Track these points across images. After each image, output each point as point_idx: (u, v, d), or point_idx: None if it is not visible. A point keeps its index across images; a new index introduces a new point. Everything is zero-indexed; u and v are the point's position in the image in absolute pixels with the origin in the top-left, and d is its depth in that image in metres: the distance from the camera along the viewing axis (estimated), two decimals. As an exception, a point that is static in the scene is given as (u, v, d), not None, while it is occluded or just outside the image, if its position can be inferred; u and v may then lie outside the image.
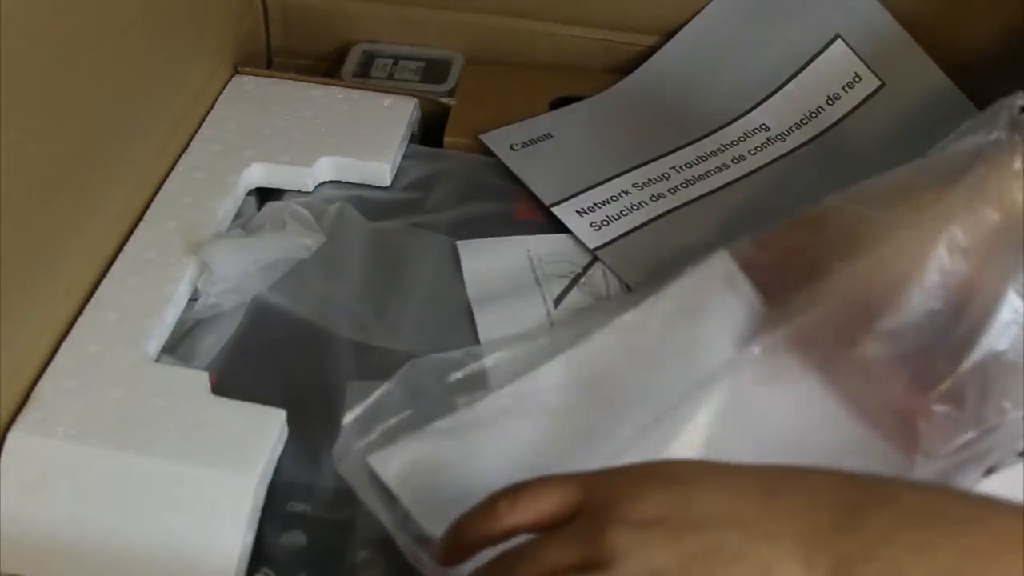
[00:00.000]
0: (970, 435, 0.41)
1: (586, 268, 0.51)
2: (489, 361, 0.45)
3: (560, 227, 0.53)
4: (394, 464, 0.42)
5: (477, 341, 0.48)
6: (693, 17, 0.62)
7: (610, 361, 0.45)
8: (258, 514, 0.42)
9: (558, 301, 0.49)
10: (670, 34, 0.62)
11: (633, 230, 0.53)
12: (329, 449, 0.42)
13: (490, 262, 0.51)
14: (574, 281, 0.50)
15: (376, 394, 0.43)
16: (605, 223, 0.53)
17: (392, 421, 0.43)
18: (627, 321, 0.46)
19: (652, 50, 0.62)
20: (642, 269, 0.51)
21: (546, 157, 0.57)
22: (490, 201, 0.55)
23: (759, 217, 0.48)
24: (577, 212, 0.53)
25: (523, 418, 0.44)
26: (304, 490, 0.43)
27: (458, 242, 0.52)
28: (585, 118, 0.60)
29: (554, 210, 0.53)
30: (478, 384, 0.44)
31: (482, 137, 0.58)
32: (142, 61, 0.51)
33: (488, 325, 0.48)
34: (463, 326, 0.49)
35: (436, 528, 0.38)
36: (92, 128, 0.48)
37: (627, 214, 0.53)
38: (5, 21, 0.40)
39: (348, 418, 0.42)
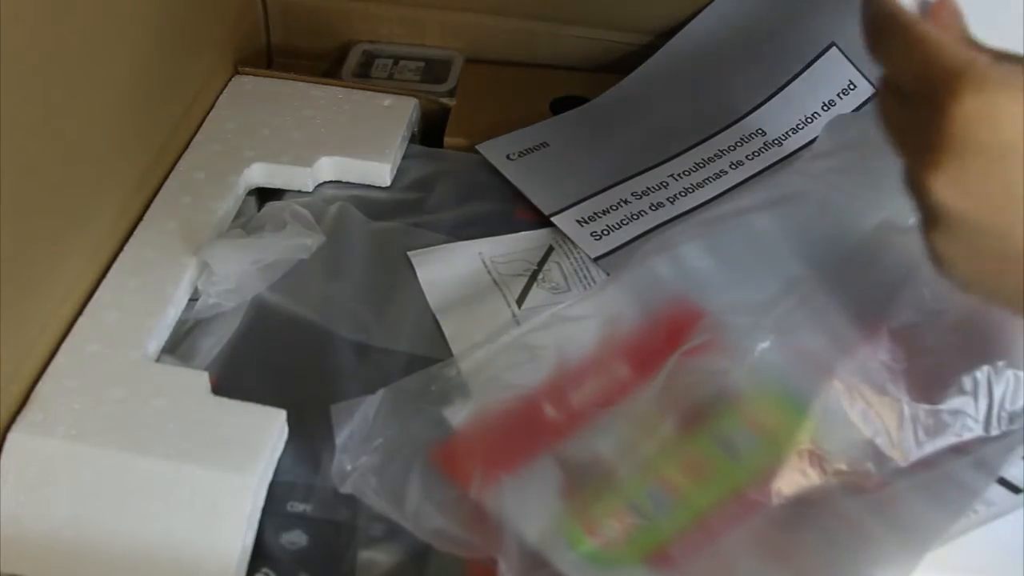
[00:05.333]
0: (975, 442, 0.41)
1: (541, 264, 0.51)
2: (464, 365, 0.45)
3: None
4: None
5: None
6: (693, 17, 0.62)
7: None
8: (258, 514, 0.42)
9: (520, 300, 0.49)
10: (670, 34, 0.62)
11: (634, 239, 0.53)
12: (329, 449, 0.42)
13: (445, 269, 0.51)
14: (532, 278, 0.50)
15: (361, 412, 0.43)
16: (606, 232, 0.53)
17: (379, 441, 0.43)
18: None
19: (652, 50, 0.62)
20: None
21: (543, 166, 0.57)
22: (490, 201, 0.55)
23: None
24: (577, 222, 0.53)
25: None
26: (304, 490, 0.43)
27: (409, 252, 0.52)
28: (580, 126, 0.60)
29: (554, 219, 0.53)
30: (459, 390, 0.44)
31: (478, 147, 0.58)
32: (142, 61, 0.51)
33: (456, 332, 0.48)
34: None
35: None
36: (92, 128, 0.48)
37: (627, 223, 0.53)
38: (5, 21, 0.40)
39: (340, 439, 0.42)
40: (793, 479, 0.41)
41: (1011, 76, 0.30)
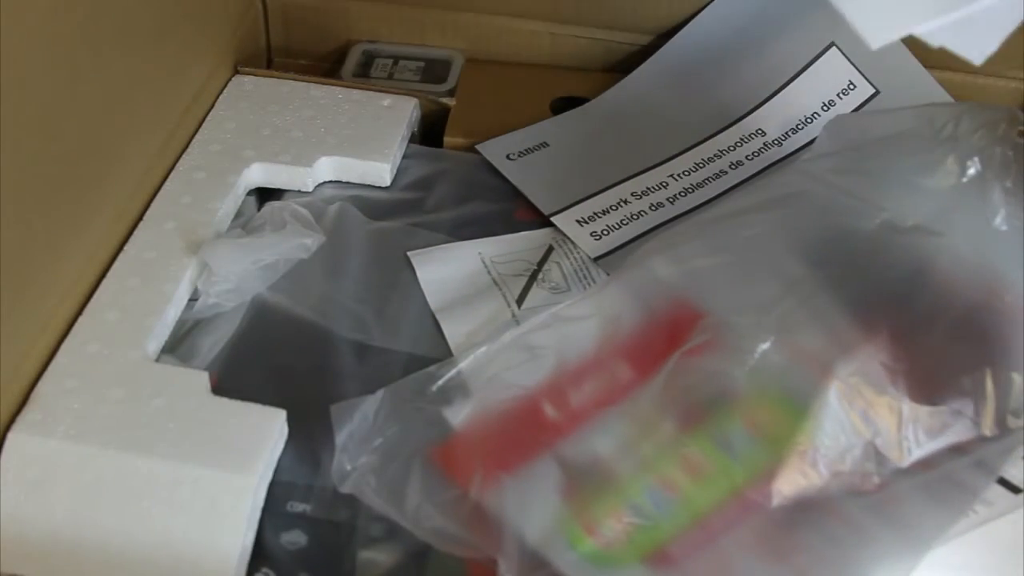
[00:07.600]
0: (975, 442, 0.41)
1: (541, 264, 0.51)
2: (464, 365, 0.45)
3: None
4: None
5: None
6: (693, 17, 0.62)
7: None
8: (258, 514, 0.42)
9: (520, 300, 0.49)
10: (670, 34, 0.62)
11: (634, 239, 0.53)
12: (329, 449, 0.42)
13: (445, 269, 0.51)
14: (532, 278, 0.50)
15: (361, 412, 0.43)
16: (605, 232, 0.53)
17: (379, 441, 0.43)
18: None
19: (652, 50, 0.62)
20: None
21: (543, 166, 0.57)
22: (490, 201, 0.55)
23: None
24: (577, 222, 0.53)
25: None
26: (304, 490, 0.43)
27: (409, 252, 0.52)
28: (581, 126, 0.60)
29: (554, 219, 0.53)
30: (459, 390, 0.44)
31: (478, 147, 0.58)
32: (142, 61, 0.52)
33: (455, 333, 0.48)
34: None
35: None
36: (92, 128, 0.48)
37: (627, 223, 0.53)
38: (5, 21, 0.40)
39: (340, 439, 0.42)
40: (793, 479, 0.41)
41: None
